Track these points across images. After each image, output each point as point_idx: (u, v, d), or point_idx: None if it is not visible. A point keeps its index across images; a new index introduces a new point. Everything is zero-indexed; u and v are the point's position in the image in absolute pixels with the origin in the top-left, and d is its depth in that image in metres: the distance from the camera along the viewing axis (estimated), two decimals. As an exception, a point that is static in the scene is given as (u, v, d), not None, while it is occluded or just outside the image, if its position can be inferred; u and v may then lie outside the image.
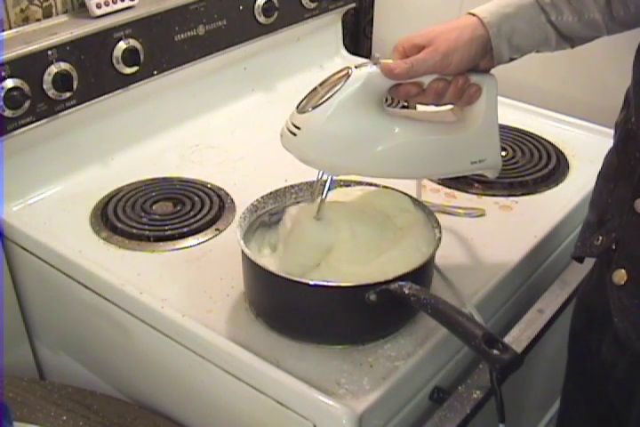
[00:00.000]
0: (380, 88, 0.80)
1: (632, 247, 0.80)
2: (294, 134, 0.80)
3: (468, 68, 0.81)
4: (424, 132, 0.84)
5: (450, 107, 0.87)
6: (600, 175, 0.90)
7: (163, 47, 1.15)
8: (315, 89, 0.82)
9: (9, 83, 0.97)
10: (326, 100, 0.79)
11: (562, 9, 0.80)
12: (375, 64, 0.79)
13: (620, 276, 0.80)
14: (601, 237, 0.85)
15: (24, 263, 1.05)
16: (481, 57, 0.82)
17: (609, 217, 0.84)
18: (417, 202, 0.90)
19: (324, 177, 0.85)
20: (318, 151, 0.81)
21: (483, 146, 0.87)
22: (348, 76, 0.79)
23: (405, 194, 0.91)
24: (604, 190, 0.87)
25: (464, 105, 0.85)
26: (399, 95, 0.82)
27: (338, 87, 0.79)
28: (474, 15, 0.82)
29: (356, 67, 0.80)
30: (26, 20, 1.08)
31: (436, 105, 0.85)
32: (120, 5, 1.10)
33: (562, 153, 1.22)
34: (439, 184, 1.13)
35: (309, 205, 0.88)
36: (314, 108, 0.79)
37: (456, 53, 0.79)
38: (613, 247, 0.83)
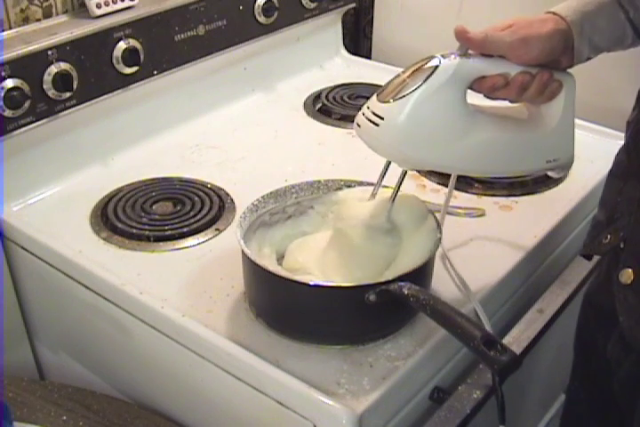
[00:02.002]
0: (466, 80, 0.78)
1: None
2: (376, 124, 0.78)
3: (547, 61, 0.80)
4: (506, 129, 0.83)
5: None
6: (610, 173, 0.90)
7: (163, 47, 1.15)
8: (398, 76, 0.79)
9: (9, 83, 0.97)
10: (413, 90, 0.76)
11: (638, 5, 0.79)
12: (462, 55, 0.78)
13: (626, 275, 0.80)
14: (609, 236, 0.85)
15: (24, 263, 1.05)
16: (560, 52, 0.80)
17: (618, 216, 0.84)
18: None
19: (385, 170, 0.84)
20: (399, 143, 0.78)
21: (559, 145, 0.86)
22: (435, 66, 0.77)
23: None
24: (614, 189, 0.87)
25: (544, 102, 0.83)
26: (485, 87, 0.79)
27: (425, 78, 0.77)
28: (555, 14, 0.80)
29: (442, 56, 0.78)
30: (26, 20, 1.08)
31: (513, 102, 0.83)
32: (120, 5, 1.10)
33: (562, 153, 1.22)
34: (439, 184, 1.13)
35: (370, 202, 0.87)
36: (400, 98, 0.77)
37: (536, 43, 0.78)
38: (621, 246, 0.83)
